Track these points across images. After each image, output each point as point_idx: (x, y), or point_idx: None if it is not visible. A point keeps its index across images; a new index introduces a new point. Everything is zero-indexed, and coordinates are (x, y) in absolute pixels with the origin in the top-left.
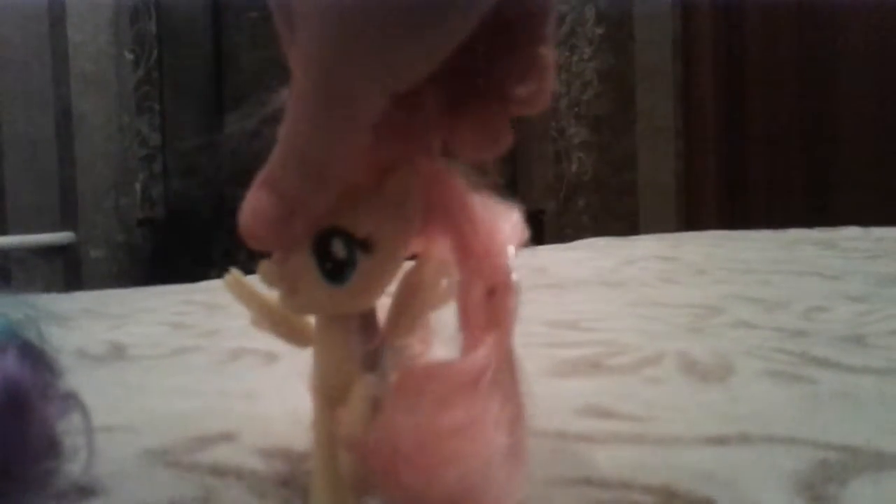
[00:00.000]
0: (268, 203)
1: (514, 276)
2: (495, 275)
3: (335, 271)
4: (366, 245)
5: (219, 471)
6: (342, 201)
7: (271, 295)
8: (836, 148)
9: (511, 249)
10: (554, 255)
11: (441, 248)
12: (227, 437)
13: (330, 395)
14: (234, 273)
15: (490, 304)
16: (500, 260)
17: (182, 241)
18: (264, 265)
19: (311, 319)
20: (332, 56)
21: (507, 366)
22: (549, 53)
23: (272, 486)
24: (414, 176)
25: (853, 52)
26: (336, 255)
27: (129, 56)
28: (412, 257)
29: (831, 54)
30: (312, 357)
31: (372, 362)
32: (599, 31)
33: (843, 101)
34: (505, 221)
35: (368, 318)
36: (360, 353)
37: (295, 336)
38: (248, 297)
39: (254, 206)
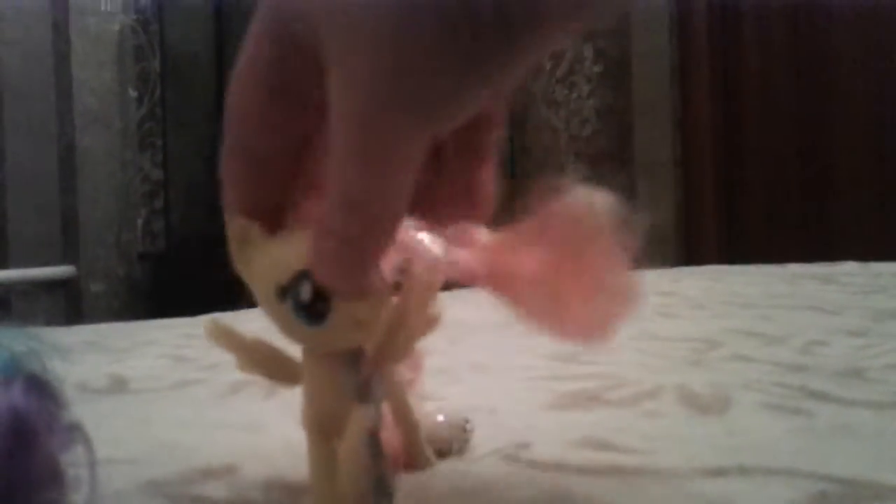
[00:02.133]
0: (336, 253)
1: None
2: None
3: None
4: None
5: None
6: None
7: (252, 337)
8: (836, 181)
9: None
10: None
11: None
12: (228, 470)
13: (325, 428)
14: (213, 319)
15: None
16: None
17: (183, 276)
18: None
19: (299, 356)
20: (375, 99)
21: None
22: (488, 179)
23: None
24: None
25: (852, 83)
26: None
27: (133, 93)
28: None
29: (829, 86)
30: (303, 392)
31: (364, 393)
32: (598, 69)
33: (843, 133)
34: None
35: (356, 349)
36: (351, 385)
37: (284, 375)
38: (232, 342)
39: (324, 257)
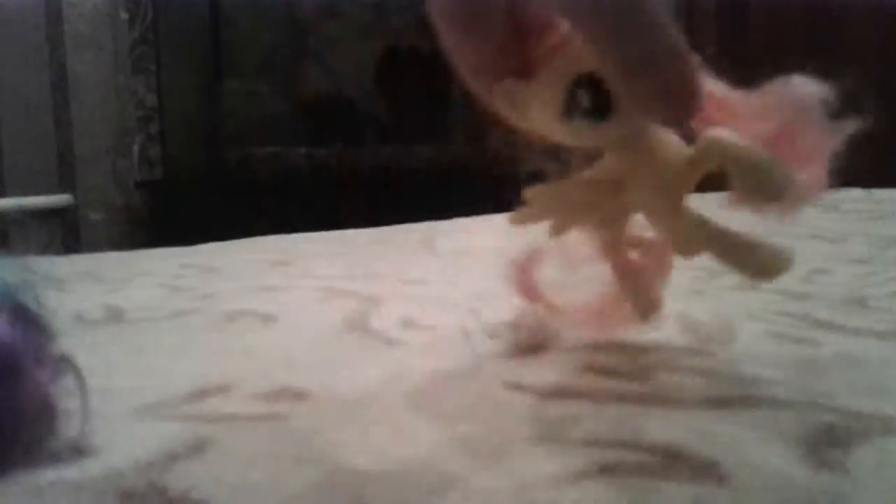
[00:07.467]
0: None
1: None
2: None
3: None
4: None
5: (213, 419)
6: None
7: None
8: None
9: None
10: None
11: None
12: (223, 389)
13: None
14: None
15: None
16: None
17: (181, 204)
18: None
19: None
20: None
21: None
22: None
23: (267, 427)
24: None
25: None
26: None
27: (125, 16)
28: None
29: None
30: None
31: None
32: None
33: (850, 40)
34: None
35: None
36: None
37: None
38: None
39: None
